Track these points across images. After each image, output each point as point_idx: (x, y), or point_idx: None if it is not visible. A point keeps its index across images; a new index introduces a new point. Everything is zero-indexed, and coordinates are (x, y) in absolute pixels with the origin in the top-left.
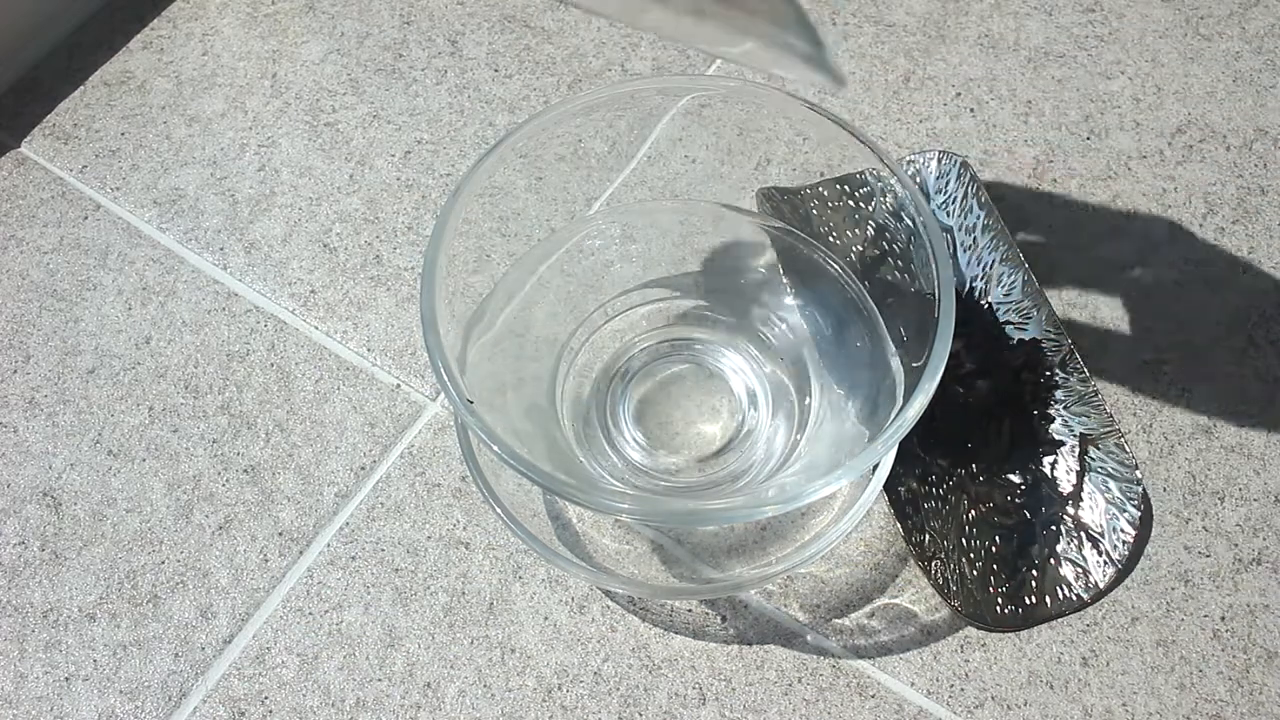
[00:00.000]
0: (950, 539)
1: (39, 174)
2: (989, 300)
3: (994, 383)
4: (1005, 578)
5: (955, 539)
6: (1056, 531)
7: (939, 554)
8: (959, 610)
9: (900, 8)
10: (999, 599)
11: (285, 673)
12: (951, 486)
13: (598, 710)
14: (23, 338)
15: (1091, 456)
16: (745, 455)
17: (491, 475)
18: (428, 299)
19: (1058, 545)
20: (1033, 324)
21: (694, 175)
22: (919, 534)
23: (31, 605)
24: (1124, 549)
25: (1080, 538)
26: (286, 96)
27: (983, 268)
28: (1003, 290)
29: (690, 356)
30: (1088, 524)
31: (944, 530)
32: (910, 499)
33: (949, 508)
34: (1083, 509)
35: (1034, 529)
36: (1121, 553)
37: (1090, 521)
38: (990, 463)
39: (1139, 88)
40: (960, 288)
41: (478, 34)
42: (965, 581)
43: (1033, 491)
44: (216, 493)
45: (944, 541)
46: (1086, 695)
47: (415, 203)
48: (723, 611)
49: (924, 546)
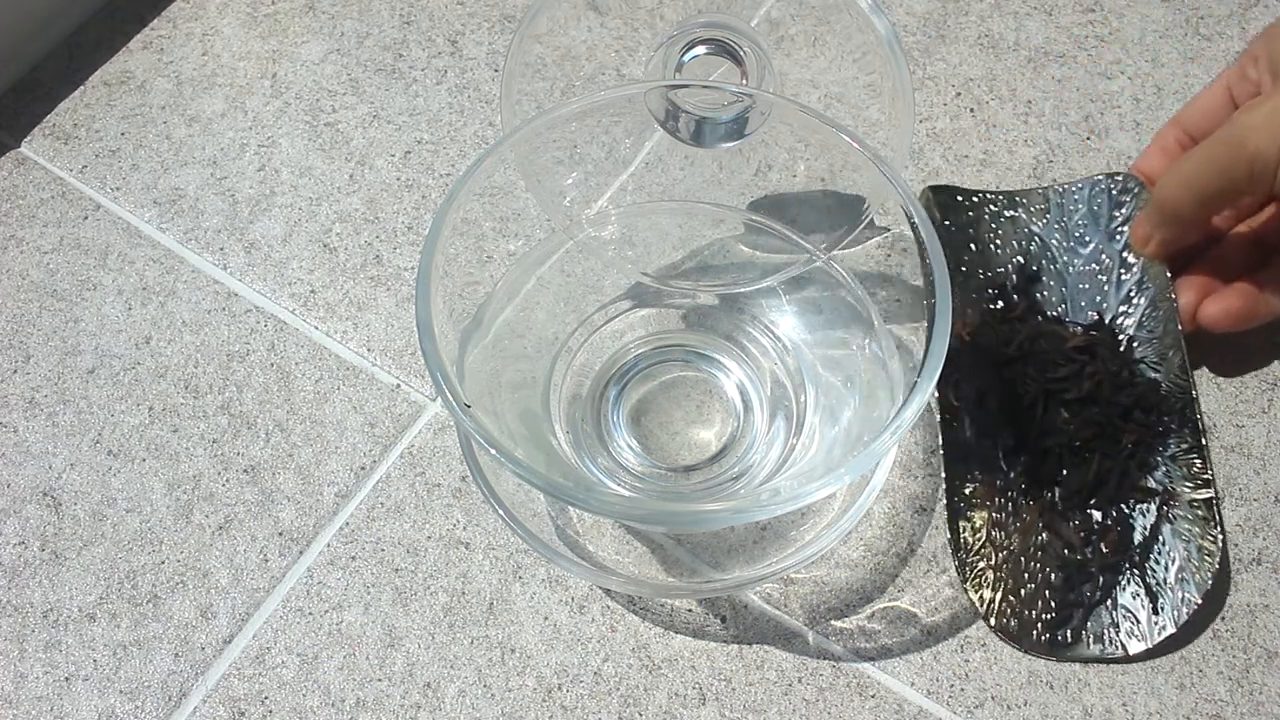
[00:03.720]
0: (1006, 553)
1: (39, 174)
2: (1127, 334)
3: (1101, 414)
4: (1053, 607)
5: (1013, 555)
6: (1116, 579)
7: (989, 564)
8: (992, 626)
9: (900, 8)
10: (1038, 624)
11: (285, 673)
12: (1026, 505)
13: (598, 710)
14: (23, 338)
15: (1177, 514)
16: (743, 458)
17: (492, 475)
18: (423, 305)
19: (1114, 591)
20: (1164, 368)
21: (693, 180)
22: (974, 535)
23: (31, 605)
24: (1185, 614)
25: (1141, 592)
26: (286, 96)
27: (1131, 302)
28: (1146, 330)
29: (688, 360)
30: (1153, 580)
31: (1002, 543)
32: (974, 502)
33: (1018, 525)
34: (1151, 563)
35: (1095, 569)
36: (1181, 617)
37: (1156, 579)
38: (1072, 493)
39: (1139, 88)
40: (1102, 315)
41: (478, 34)
42: (1008, 597)
43: (1105, 534)
44: (216, 493)
45: (997, 555)
46: (1086, 695)
47: (415, 203)
48: (723, 612)
49: (969, 548)
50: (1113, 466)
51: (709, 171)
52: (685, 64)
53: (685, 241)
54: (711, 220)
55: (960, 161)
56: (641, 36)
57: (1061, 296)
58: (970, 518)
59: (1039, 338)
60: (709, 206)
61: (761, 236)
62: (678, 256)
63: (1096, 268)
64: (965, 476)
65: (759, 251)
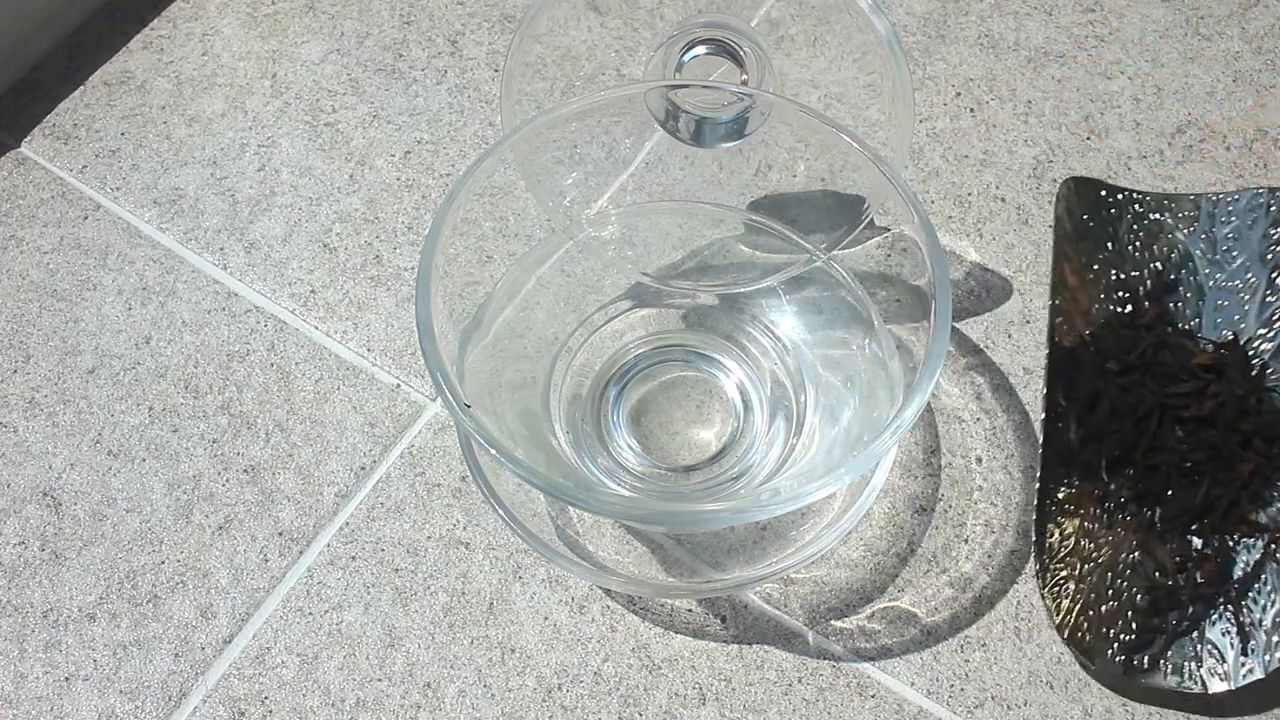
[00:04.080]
0: (1093, 565)
1: (39, 174)
2: (1262, 359)
3: (1219, 438)
4: (1134, 629)
5: (1100, 569)
6: (1207, 612)
7: (1072, 574)
8: (1065, 639)
9: (900, 8)
10: (1114, 645)
11: (285, 673)
12: (1122, 520)
13: (598, 710)
14: (23, 338)
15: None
16: (743, 458)
17: (492, 475)
18: (423, 305)
19: (1203, 624)
20: None
21: (693, 180)
22: (1061, 542)
23: (31, 605)
24: (1277, 661)
25: (1232, 629)
26: (286, 96)
27: (1273, 326)
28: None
29: (688, 360)
30: (1246, 620)
31: (1090, 555)
32: (1068, 508)
33: (1110, 539)
34: (1249, 601)
35: (1186, 598)
36: (1273, 663)
37: (1251, 619)
38: (1174, 516)
39: (1139, 88)
40: (1237, 335)
41: (478, 34)
42: (1087, 611)
43: (1203, 563)
44: (216, 493)
45: (1083, 566)
46: (1086, 695)
47: (415, 203)
48: (723, 612)
49: (1054, 553)
50: (1223, 494)
51: (709, 171)
52: (685, 64)
53: (685, 241)
54: (711, 220)
55: (960, 161)
56: (641, 36)
57: (1196, 310)
58: (1060, 523)
59: (1164, 348)
60: (709, 206)
61: (761, 236)
62: (678, 256)
63: (1240, 285)
64: (1062, 480)
65: (759, 251)
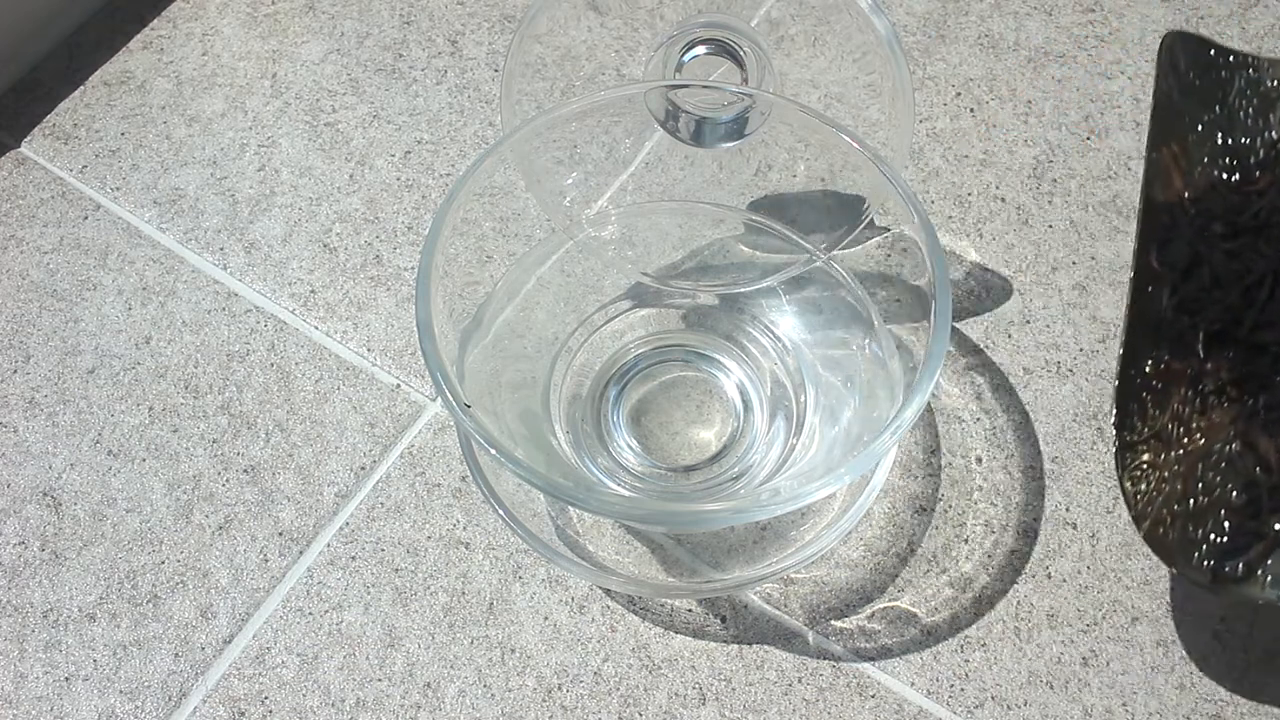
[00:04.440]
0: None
1: (39, 174)
2: None
3: None
4: (1226, 530)
5: (1189, 459)
6: None
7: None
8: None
9: (900, 8)
10: (1202, 546)
11: (285, 673)
12: (1219, 406)
13: (598, 710)
14: (23, 338)
15: None
16: (743, 458)
17: (492, 475)
18: (423, 305)
19: None
20: None
21: (693, 180)
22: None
23: (31, 605)
24: None
25: None
26: (286, 96)
27: None
28: None
29: (688, 360)
30: None
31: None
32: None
33: (1202, 425)
34: None
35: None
36: None
37: None
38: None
39: (1139, 88)
40: None
41: (478, 34)
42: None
43: None
44: (216, 493)
45: (1169, 453)
46: (1086, 695)
47: (415, 203)
48: (723, 612)
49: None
50: None
51: (709, 171)
52: (685, 64)
53: (685, 241)
54: (711, 220)
55: (960, 161)
56: (641, 36)
57: None
58: (1145, 401)
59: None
60: (709, 206)
61: (761, 236)
62: (678, 256)
63: None
64: (1150, 355)
65: (759, 251)
